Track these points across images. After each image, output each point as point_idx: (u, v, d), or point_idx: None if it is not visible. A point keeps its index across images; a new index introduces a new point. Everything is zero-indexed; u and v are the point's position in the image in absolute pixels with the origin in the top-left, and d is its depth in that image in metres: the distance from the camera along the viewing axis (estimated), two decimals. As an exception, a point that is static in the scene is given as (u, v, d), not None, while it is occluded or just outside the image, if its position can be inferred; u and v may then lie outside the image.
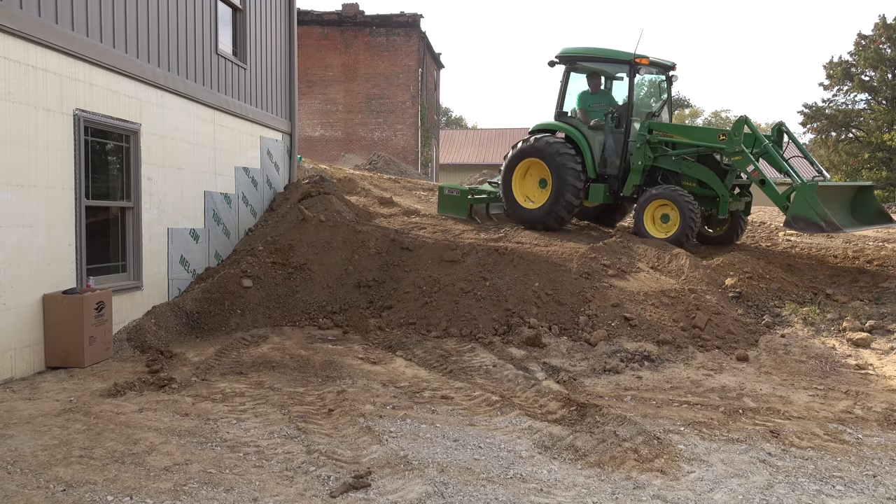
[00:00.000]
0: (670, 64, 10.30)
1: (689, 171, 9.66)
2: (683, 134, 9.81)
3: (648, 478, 4.00)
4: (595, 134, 10.19)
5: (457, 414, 5.03)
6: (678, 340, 6.66)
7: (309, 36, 25.00)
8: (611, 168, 10.13)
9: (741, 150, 9.03)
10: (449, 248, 8.34)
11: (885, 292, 7.99)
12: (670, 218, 9.20)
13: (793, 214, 8.38)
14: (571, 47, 10.46)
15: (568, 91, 10.52)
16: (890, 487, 3.95)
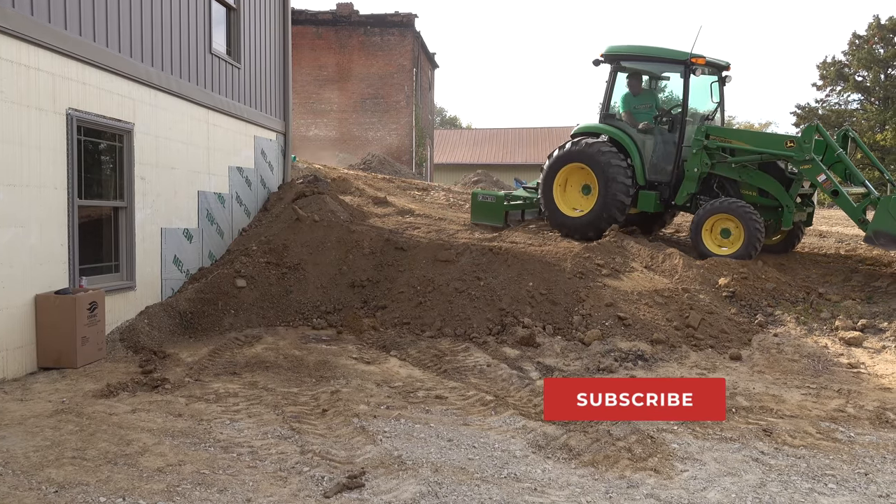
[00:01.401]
0: (724, 64, 9.77)
1: (749, 180, 9.10)
2: (745, 140, 9.26)
3: (642, 477, 4.01)
4: (644, 138, 9.71)
5: (451, 414, 5.03)
6: (672, 340, 6.68)
7: (303, 35, 24.98)
8: (661, 174, 9.64)
9: (812, 157, 8.46)
10: (443, 247, 8.34)
11: (876, 291, 8.03)
12: (731, 233, 8.72)
13: (874, 230, 7.92)
14: (618, 45, 10.00)
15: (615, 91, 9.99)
16: (881, 485, 3.97)
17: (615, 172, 9.35)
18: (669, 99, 10.09)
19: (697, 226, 8.88)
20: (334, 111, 26.60)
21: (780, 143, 8.87)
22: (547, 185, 10.00)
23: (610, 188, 9.36)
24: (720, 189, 9.32)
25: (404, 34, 26.41)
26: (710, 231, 8.83)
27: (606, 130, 9.80)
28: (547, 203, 10.01)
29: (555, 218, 9.93)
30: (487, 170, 28.63)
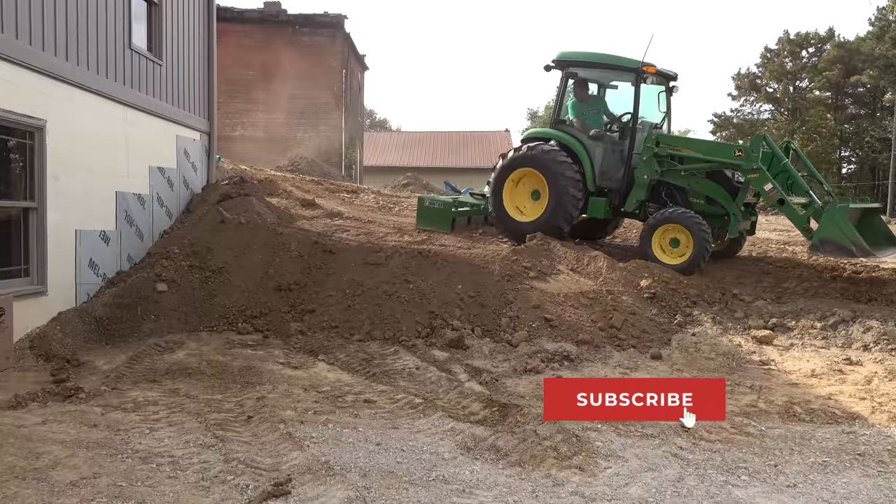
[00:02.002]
0: (673, 74, 9.93)
1: (697, 188, 9.20)
2: (695, 148, 9.36)
3: (567, 475, 4.10)
4: (595, 144, 9.67)
5: (380, 417, 5.01)
6: (596, 340, 6.85)
7: (229, 33, 24.36)
8: (611, 181, 9.63)
9: (759, 167, 8.57)
10: (372, 250, 8.30)
11: (785, 292, 8.47)
12: (680, 242, 8.74)
13: (821, 238, 8.05)
14: (570, 51, 10.00)
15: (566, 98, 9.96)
16: (789, 476, 4.19)
17: (567, 182, 9.36)
18: (619, 106, 10.08)
19: (648, 235, 8.92)
20: (261, 111, 26.07)
21: (728, 153, 9.05)
22: (497, 187, 9.90)
23: (560, 197, 9.36)
24: (668, 196, 9.37)
25: (334, 35, 26.14)
26: (660, 241, 8.88)
27: (557, 136, 9.77)
28: (496, 205, 9.95)
29: (502, 221, 9.89)
30: (417, 173, 28.66)
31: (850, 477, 4.19)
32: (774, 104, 50.87)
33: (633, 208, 9.51)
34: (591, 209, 9.69)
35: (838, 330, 7.26)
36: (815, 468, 4.30)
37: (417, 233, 9.98)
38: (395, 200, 13.86)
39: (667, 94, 10.01)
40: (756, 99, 50.63)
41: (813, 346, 6.94)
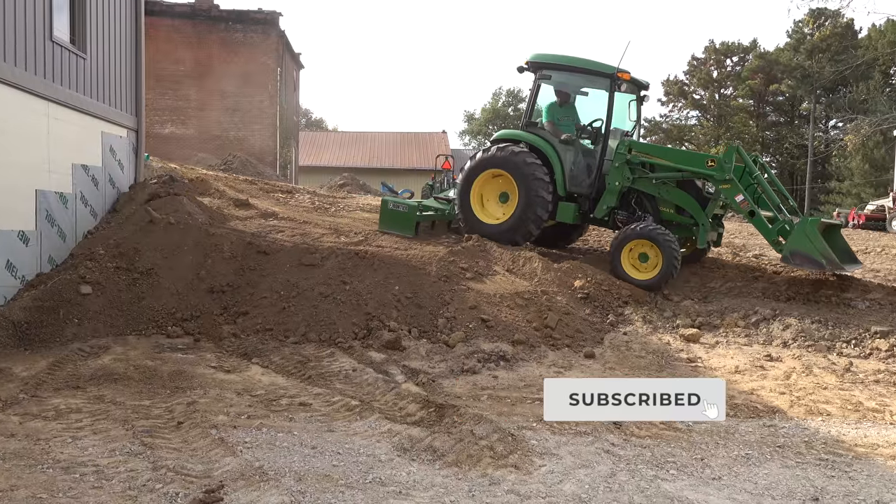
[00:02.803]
0: (645, 83, 9.95)
1: (667, 196, 9.19)
2: (667, 157, 9.33)
3: (503, 473, 4.15)
4: (566, 149, 9.58)
5: (315, 420, 4.94)
6: (531, 340, 6.95)
7: (158, 28, 23.61)
8: (581, 187, 9.54)
9: (731, 178, 8.59)
10: (308, 251, 8.19)
11: (711, 292, 8.80)
12: (649, 257, 8.65)
13: (791, 250, 8.11)
14: (543, 53, 9.84)
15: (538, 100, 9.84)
16: (715, 469, 4.35)
17: (537, 185, 9.25)
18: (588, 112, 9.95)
19: (617, 249, 8.80)
20: (192, 109, 25.37)
21: (701, 162, 9.00)
22: (465, 188, 9.75)
23: (530, 200, 9.25)
24: (637, 204, 9.33)
25: (268, 32, 25.67)
26: (629, 257, 8.78)
27: (528, 139, 9.63)
28: (463, 208, 9.77)
29: (470, 224, 9.69)
30: (354, 173, 28.48)
31: (770, 468, 4.38)
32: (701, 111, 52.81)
33: (602, 215, 9.42)
34: (560, 214, 9.56)
35: (760, 328, 7.59)
36: (739, 461, 4.48)
37: (354, 233, 9.89)
38: (331, 201, 13.70)
39: (637, 102, 10.02)
40: (684, 105, 52.43)
41: (737, 344, 7.22)
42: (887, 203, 20.34)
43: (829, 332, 7.35)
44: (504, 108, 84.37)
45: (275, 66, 25.78)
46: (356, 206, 13.25)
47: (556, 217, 9.62)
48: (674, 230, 8.95)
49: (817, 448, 4.72)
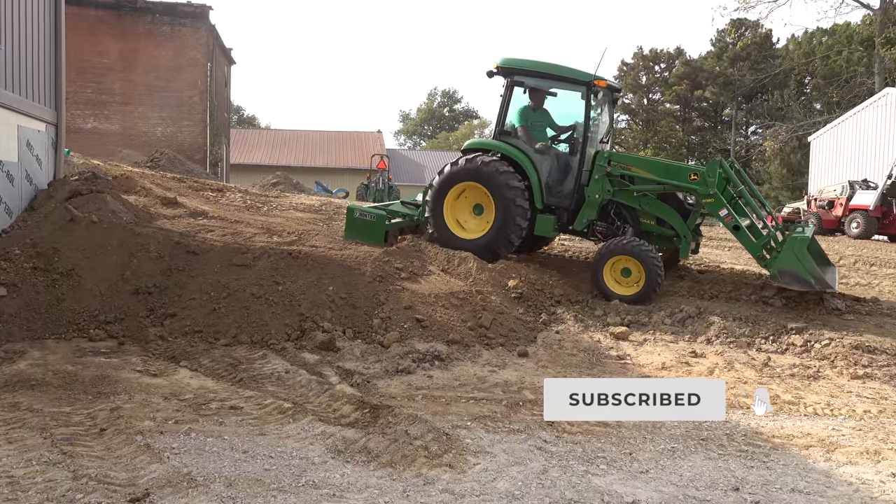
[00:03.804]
0: (618, 87, 9.78)
1: (648, 208, 9.02)
2: (649, 169, 9.10)
3: (438, 473, 4.16)
4: (542, 158, 9.25)
5: (246, 424, 4.84)
6: (466, 339, 7.00)
7: (81, 18, 22.66)
8: (559, 198, 9.25)
9: (715, 193, 8.51)
10: (239, 251, 8.00)
11: (640, 291, 9.04)
12: (632, 273, 8.53)
13: (780, 269, 8.03)
14: (515, 58, 9.41)
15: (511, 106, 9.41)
16: (643, 462, 4.49)
17: (514, 194, 8.90)
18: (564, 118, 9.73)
19: (599, 264, 8.68)
20: (117, 103, 24.46)
21: (683, 175, 8.84)
22: (437, 203, 9.30)
23: (508, 210, 8.89)
24: (617, 216, 9.18)
25: (197, 26, 25.00)
26: (611, 271, 8.66)
27: (501, 148, 9.23)
28: (436, 223, 9.33)
29: (445, 239, 9.24)
30: (287, 172, 28.01)
31: (694, 461, 4.55)
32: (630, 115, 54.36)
33: (582, 227, 9.19)
34: (539, 227, 9.20)
35: (685, 325, 7.86)
36: (665, 454, 4.64)
37: (287, 233, 9.75)
38: (263, 200, 13.45)
39: (610, 107, 9.92)
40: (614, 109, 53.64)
41: (663, 341, 7.46)
42: (802, 206, 21.40)
43: (749, 328, 7.68)
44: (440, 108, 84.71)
45: (205, 61, 25.13)
46: (289, 205, 13.05)
47: (535, 231, 9.25)
48: (655, 242, 8.94)
49: (738, 440, 4.92)
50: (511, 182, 8.93)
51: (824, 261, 8.87)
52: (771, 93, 48.05)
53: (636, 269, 8.50)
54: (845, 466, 4.54)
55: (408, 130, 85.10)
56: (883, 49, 38.20)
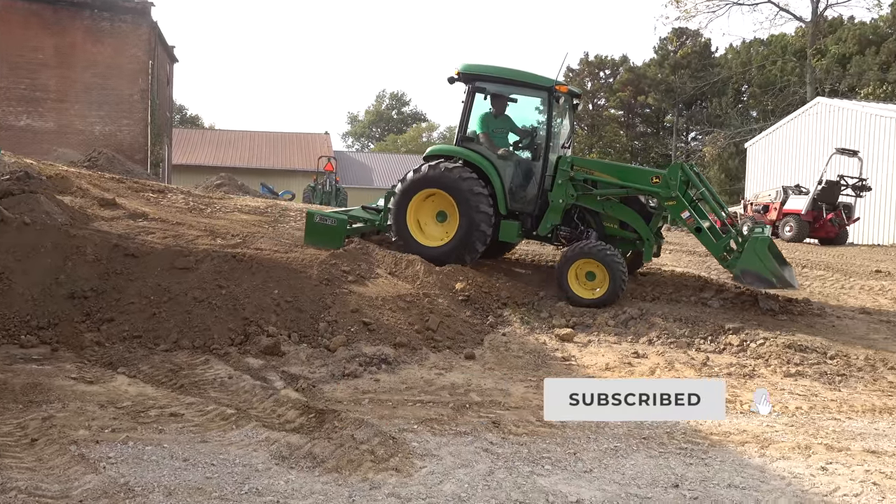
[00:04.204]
0: (578, 93, 9.87)
1: (612, 212, 9.07)
2: (611, 173, 9.17)
3: (384, 477, 4.14)
4: (505, 164, 9.24)
5: (187, 431, 4.72)
6: (413, 342, 6.99)
7: (13, 11, 21.81)
8: (523, 203, 9.25)
9: (677, 195, 8.61)
10: (181, 254, 7.81)
11: (585, 293, 9.20)
12: (596, 276, 8.57)
13: (742, 269, 8.17)
14: (477, 64, 9.37)
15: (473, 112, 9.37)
16: (587, 462, 4.56)
17: (478, 200, 8.87)
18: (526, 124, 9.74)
19: (563, 269, 8.71)
20: (52, 100, 23.58)
21: (646, 179, 8.93)
22: (400, 210, 9.23)
23: (473, 217, 8.88)
24: (580, 220, 9.21)
25: (139, 22, 24.33)
26: (576, 273, 8.69)
27: (463, 154, 9.18)
28: (399, 230, 9.26)
29: (409, 246, 9.17)
30: (232, 173, 27.47)
31: (636, 459, 4.65)
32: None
33: (546, 232, 9.24)
34: (504, 233, 9.21)
35: (628, 326, 8.03)
36: (608, 453, 4.72)
37: (231, 236, 9.55)
38: (207, 201, 13.14)
39: (571, 112, 9.99)
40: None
41: (607, 342, 7.60)
42: (739, 210, 22.13)
43: (689, 329, 7.89)
44: (388, 111, 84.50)
45: (146, 59, 24.46)
46: (234, 207, 12.79)
47: (500, 236, 9.27)
48: (618, 245, 8.98)
49: (678, 438, 5.05)
50: (475, 188, 8.90)
51: (782, 261, 9.10)
52: (710, 100, 49.60)
53: (600, 272, 8.56)
54: (779, 461, 4.70)
55: (356, 132, 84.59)
56: (814, 60, 39.89)
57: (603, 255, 8.54)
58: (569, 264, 8.65)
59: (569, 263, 8.65)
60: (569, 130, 10.00)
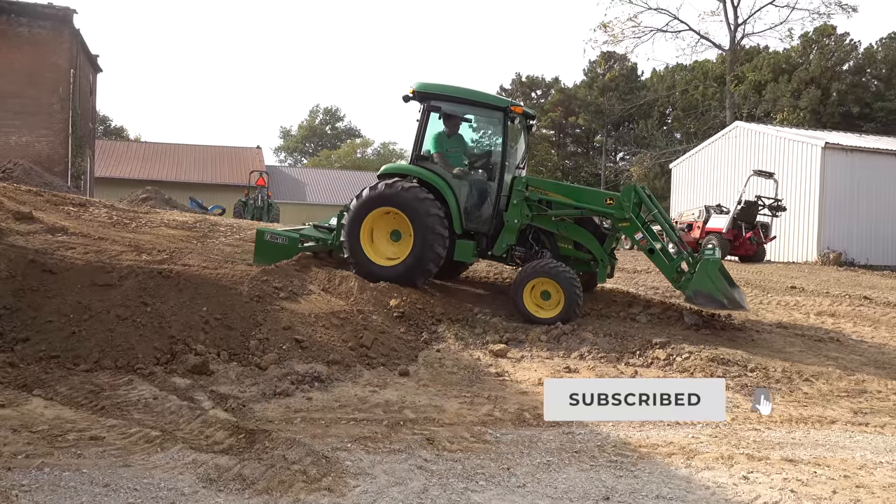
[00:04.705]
0: (533, 114, 9.90)
1: (566, 233, 9.15)
2: (566, 194, 9.24)
3: (316, 497, 4.06)
4: (460, 184, 9.21)
5: (108, 455, 4.51)
6: (347, 360, 6.91)
7: (-80, 13, 20.62)
8: (478, 223, 9.24)
9: (630, 216, 8.73)
10: (103, 270, 7.51)
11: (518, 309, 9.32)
12: (551, 295, 8.61)
13: (695, 290, 8.28)
14: (431, 83, 9.36)
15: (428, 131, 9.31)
16: (520, 477, 4.59)
17: (433, 220, 8.81)
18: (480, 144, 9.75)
19: (518, 288, 8.71)
20: (-37, 108, 22.38)
21: (600, 200, 9.04)
22: (353, 229, 9.08)
23: (427, 236, 8.81)
24: (535, 240, 9.25)
25: (59, 29, 23.44)
26: (531, 294, 8.71)
27: (418, 173, 9.13)
28: (353, 250, 9.10)
29: (362, 266, 9.04)
30: (159, 187, 26.65)
31: (568, 473, 4.71)
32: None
33: (502, 252, 9.23)
34: (459, 252, 9.17)
35: (560, 341, 8.16)
36: (541, 467, 4.77)
37: (157, 251, 9.24)
38: (132, 216, 12.70)
39: (526, 133, 10.05)
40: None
41: (540, 357, 7.71)
42: (665, 228, 22.89)
43: (618, 344, 8.09)
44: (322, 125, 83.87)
45: (67, 67, 23.57)
46: (160, 221, 12.40)
47: (455, 256, 9.22)
48: (572, 265, 9.03)
49: (608, 451, 5.15)
50: (431, 209, 8.85)
51: (731, 283, 9.35)
52: (637, 122, 51.37)
53: (555, 290, 8.61)
54: (703, 472, 4.85)
55: (288, 147, 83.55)
56: (732, 86, 41.94)
57: (556, 273, 8.59)
58: (523, 284, 8.68)
59: (523, 283, 8.68)
60: (523, 151, 10.06)
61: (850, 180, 23.28)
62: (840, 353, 8.43)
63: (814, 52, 44.79)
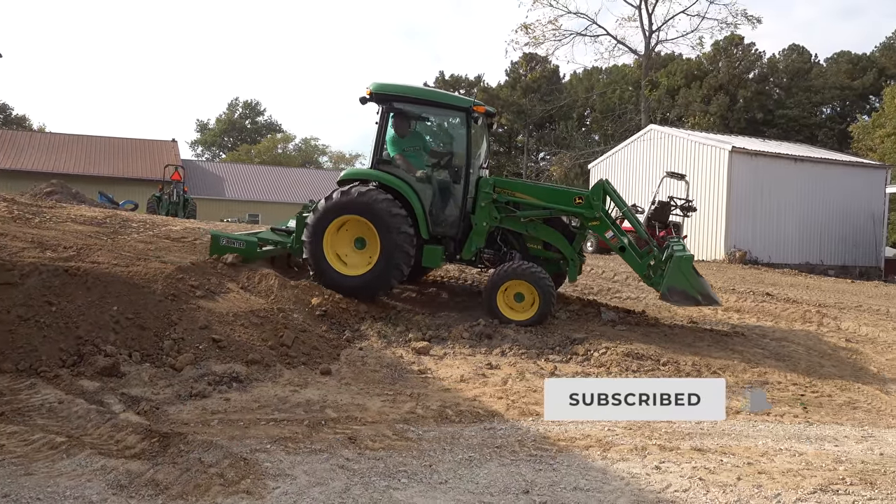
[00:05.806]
0: (493, 112, 9.72)
1: (535, 233, 9.06)
2: (534, 194, 9.10)
3: (234, 500, 3.97)
4: (424, 187, 8.93)
5: (8, 464, 4.26)
6: (267, 359, 6.77)
7: None
8: (445, 227, 9.02)
9: (600, 216, 8.70)
10: (3, 268, 7.08)
11: (440, 306, 9.39)
12: (525, 297, 8.53)
13: (669, 286, 8.28)
14: (390, 84, 9.04)
15: None
16: (442, 473, 4.62)
17: (398, 222, 8.53)
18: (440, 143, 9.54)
19: (491, 290, 8.58)
20: None
21: (569, 200, 8.98)
22: (315, 240, 8.71)
23: (393, 242, 8.53)
24: (504, 242, 9.16)
25: (-46, 10, 21.85)
26: (504, 297, 8.60)
27: (380, 177, 8.84)
28: (316, 262, 8.75)
29: (327, 278, 8.73)
30: (66, 180, 25.30)
31: (490, 468, 4.78)
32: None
33: (471, 255, 9.07)
34: (427, 258, 8.93)
35: (482, 339, 8.26)
36: (463, 463, 4.82)
37: (63, 248, 8.77)
38: (35, 210, 12.00)
39: (487, 132, 9.84)
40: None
41: (462, 354, 7.77)
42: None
43: (539, 340, 8.26)
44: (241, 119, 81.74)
45: (-38, 51, 21.97)
46: (67, 216, 11.78)
47: (423, 262, 9.00)
48: (542, 265, 8.93)
49: (528, 445, 5.25)
50: (393, 210, 8.59)
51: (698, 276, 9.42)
52: (557, 123, 52.55)
53: (529, 292, 8.56)
54: (618, 463, 5.02)
55: (206, 141, 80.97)
56: (647, 90, 43.48)
57: (530, 275, 8.54)
58: (497, 287, 8.59)
59: (497, 286, 8.59)
60: (486, 151, 9.96)
61: (754, 183, 24.54)
62: (745, 347, 8.89)
63: (722, 59, 47.06)
